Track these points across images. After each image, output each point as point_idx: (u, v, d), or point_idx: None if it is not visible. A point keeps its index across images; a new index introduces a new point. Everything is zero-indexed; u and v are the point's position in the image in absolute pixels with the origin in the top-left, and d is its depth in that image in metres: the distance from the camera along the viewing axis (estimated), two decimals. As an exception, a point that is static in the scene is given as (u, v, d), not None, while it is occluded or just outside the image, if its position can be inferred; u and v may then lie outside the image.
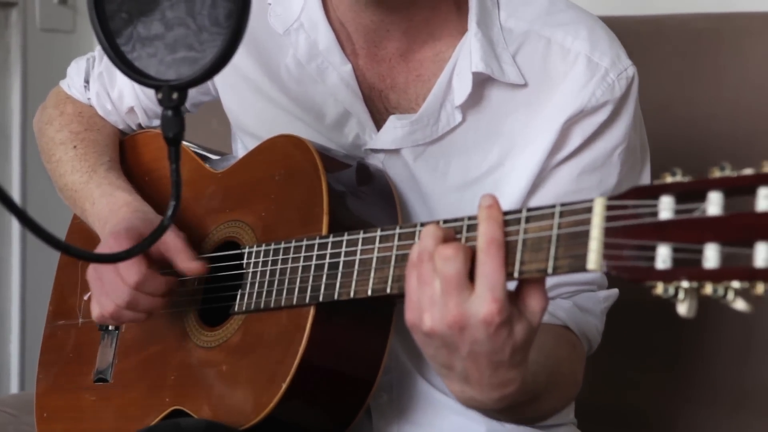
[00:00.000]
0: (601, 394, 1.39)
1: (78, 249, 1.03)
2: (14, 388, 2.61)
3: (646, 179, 1.36)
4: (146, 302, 1.30)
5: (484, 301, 0.99)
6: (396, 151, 1.33)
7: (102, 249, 1.32)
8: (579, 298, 1.33)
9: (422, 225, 1.11)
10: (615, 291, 1.36)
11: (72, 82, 1.56)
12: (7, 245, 2.55)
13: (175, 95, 0.93)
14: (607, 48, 1.29)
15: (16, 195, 2.53)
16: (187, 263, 1.31)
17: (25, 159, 2.58)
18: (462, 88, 1.29)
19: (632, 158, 1.33)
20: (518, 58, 1.29)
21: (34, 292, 2.58)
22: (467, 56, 1.29)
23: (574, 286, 1.32)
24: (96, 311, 1.32)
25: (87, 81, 1.53)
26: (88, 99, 1.54)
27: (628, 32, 1.43)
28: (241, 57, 1.37)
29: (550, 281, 1.28)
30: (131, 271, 1.29)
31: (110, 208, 1.39)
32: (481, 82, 1.29)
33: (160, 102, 0.93)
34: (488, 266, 0.99)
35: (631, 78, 1.29)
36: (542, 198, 1.30)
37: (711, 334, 1.64)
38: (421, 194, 1.33)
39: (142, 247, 1.34)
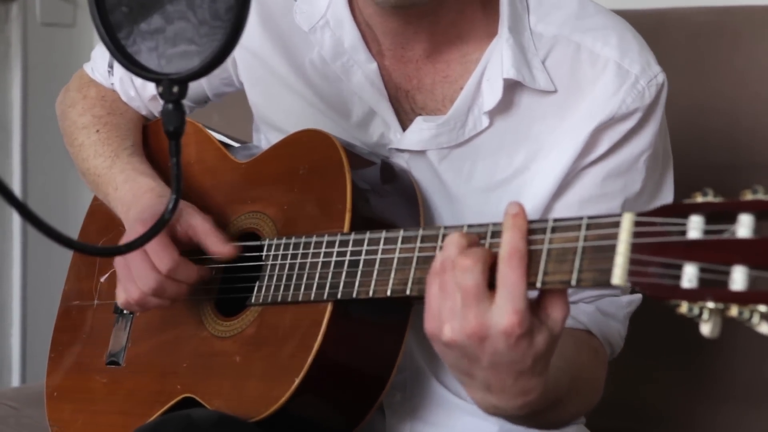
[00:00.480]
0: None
1: (79, 242, 1.02)
2: (15, 381, 2.62)
3: (669, 186, 1.35)
4: (174, 289, 1.30)
5: (504, 313, 0.98)
6: (421, 152, 1.33)
7: (129, 236, 1.32)
8: (602, 303, 1.32)
9: (446, 229, 1.11)
10: (638, 296, 1.35)
11: (96, 66, 1.55)
12: (8, 239, 2.55)
13: (175, 89, 0.93)
14: (637, 55, 1.28)
15: (16, 189, 2.52)
16: (219, 246, 1.30)
17: (25, 153, 2.58)
18: (492, 94, 1.28)
19: (656, 164, 1.32)
20: (547, 63, 1.29)
21: (35, 285, 2.59)
22: (498, 61, 1.28)
23: (597, 290, 1.32)
24: (122, 297, 1.32)
25: (111, 66, 1.53)
26: (111, 84, 1.54)
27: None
28: (268, 51, 1.37)
29: None
30: (163, 257, 1.28)
31: (134, 193, 1.39)
32: (511, 88, 1.29)
33: (161, 96, 0.93)
34: (509, 277, 0.99)
35: (661, 85, 1.28)
36: (567, 201, 1.29)
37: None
38: (446, 195, 1.33)
39: (141, 242, 1.33)
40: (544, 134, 1.29)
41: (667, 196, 1.34)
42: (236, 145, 1.47)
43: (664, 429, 1.72)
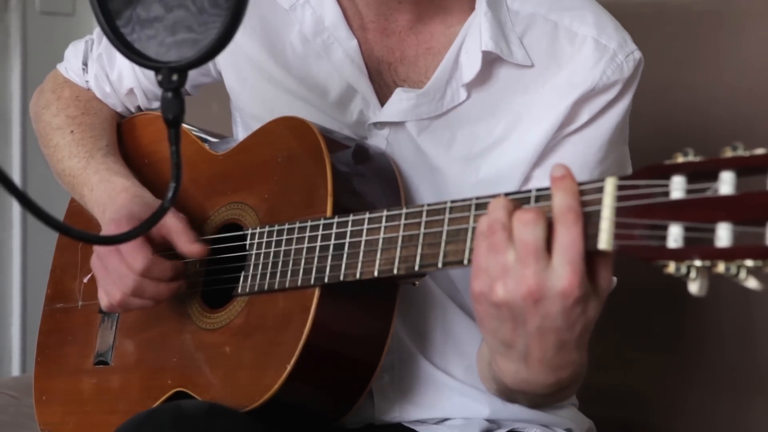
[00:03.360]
0: (601, 375, 1.40)
1: (78, 230, 1.03)
2: (15, 370, 2.61)
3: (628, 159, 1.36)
4: (152, 289, 1.30)
5: (564, 273, 0.95)
6: (401, 125, 1.33)
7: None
8: None
9: (429, 205, 1.12)
10: (613, 280, 1.36)
11: (69, 65, 1.55)
12: (7, 228, 2.55)
13: (174, 77, 0.93)
14: (614, 32, 1.30)
15: (16, 178, 2.53)
16: (188, 246, 1.31)
17: (25, 142, 2.58)
18: (470, 66, 1.30)
19: (622, 136, 1.34)
20: (525, 39, 1.30)
21: (34, 274, 2.58)
22: (476, 34, 1.29)
23: None
24: (104, 301, 1.32)
25: (85, 63, 1.53)
26: (86, 82, 1.53)
27: (629, 15, 1.44)
28: (244, 37, 1.37)
29: None
30: (137, 257, 1.29)
31: (108, 194, 1.39)
32: (490, 62, 1.30)
33: (160, 84, 0.93)
34: (567, 237, 0.96)
35: (638, 60, 1.30)
36: (545, 171, 1.30)
37: (711, 316, 1.65)
38: (427, 167, 1.33)
39: (142, 230, 1.33)
40: (522, 106, 1.31)
41: (627, 167, 1.35)
42: (215, 140, 1.47)
43: (654, 417, 1.73)
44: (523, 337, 0.99)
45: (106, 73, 1.51)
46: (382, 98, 1.35)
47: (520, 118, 1.31)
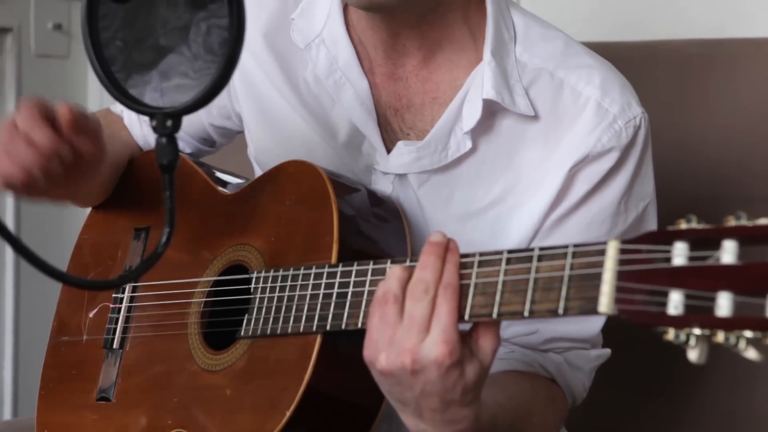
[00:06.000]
0: (592, 420, 1.40)
1: (73, 277, 1.03)
2: (7, 414, 2.61)
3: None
4: (22, 149, 1.24)
5: (436, 344, 1.02)
6: (404, 176, 1.34)
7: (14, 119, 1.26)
8: (570, 355, 1.34)
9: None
10: (607, 351, 1.38)
11: None
12: (0, 271, 2.55)
13: (169, 122, 0.94)
14: (618, 95, 1.29)
15: (9, 221, 2.53)
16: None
17: None
18: (472, 114, 1.30)
19: (638, 205, 1.32)
20: (530, 91, 1.30)
21: (27, 318, 2.58)
22: (479, 84, 1.29)
23: (569, 342, 1.34)
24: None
25: None
26: (121, 110, 1.58)
27: (621, 57, 1.44)
28: (269, 66, 1.40)
29: (546, 335, 1.31)
30: (22, 112, 1.24)
31: None
32: (493, 112, 1.30)
33: (155, 129, 0.94)
34: (443, 309, 1.03)
35: (638, 126, 1.29)
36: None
37: (717, 361, 1.63)
38: (425, 221, 1.34)
39: (131, 276, 1.34)
40: (524, 166, 1.30)
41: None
42: (223, 176, 1.47)
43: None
44: (412, 398, 1.06)
45: None
46: (389, 144, 1.36)
47: (519, 179, 1.31)
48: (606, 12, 2.02)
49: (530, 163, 1.30)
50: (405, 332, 1.04)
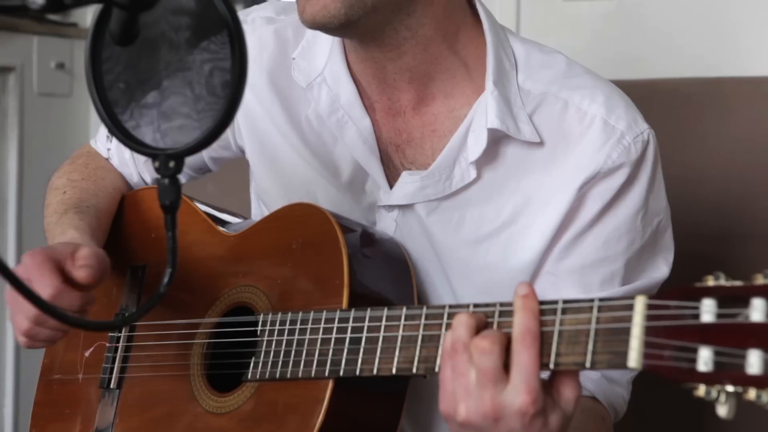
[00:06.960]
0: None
1: (74, 317, 1.02)
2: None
3: (668, 244, 1.36)
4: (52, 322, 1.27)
5: (519, 392, 1.01)
6: (410, 207, 1.35)
7: (18, 268, 1.28)
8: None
9: (450, 308, 1.12)
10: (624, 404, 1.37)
11: (99, 135, 1.59)
12: (1, 309, 2.53)
13: (171, 164, 0.94)
14: (624, 112, 1.30)
15: (11, 260, 2.52)
16: (76, 271, 1.27)
17: (21, 223, 2.59)
18: (477, 145, 1.30)
19: (653, 221, 1.33)
20: (535, 117, 1.31)
21: (28, 357, 2.56)
22: (483, 114, 1.30)
23: None
24: (16, 334, 1.30)
25: None
26: (108, 150, 1.56)
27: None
28: (272, 105, 1.40)
29: None
30: (44, 283, 1.25)
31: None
32: (497, 140, 1.31)
33: (157, 170, 0.94)
34: (524, 357, 1.02)
35: (647, 141, 1.30)
36: (569, 266, 1.30)
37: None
38: (434, 250, 1.34)
39: (132, 318, 1.33)
40: (532, 188, 1.31)
41: (667, 255, 1.35)
42: (222, 216, 1.47)
43: None
44: None
45: None
46: (392, 180, 1.36)
47: (530, 200, 1.31)
48: (605, 49, 2.04)
49: (538, 185, 1.30)
50: (480, 383, 1.03)
